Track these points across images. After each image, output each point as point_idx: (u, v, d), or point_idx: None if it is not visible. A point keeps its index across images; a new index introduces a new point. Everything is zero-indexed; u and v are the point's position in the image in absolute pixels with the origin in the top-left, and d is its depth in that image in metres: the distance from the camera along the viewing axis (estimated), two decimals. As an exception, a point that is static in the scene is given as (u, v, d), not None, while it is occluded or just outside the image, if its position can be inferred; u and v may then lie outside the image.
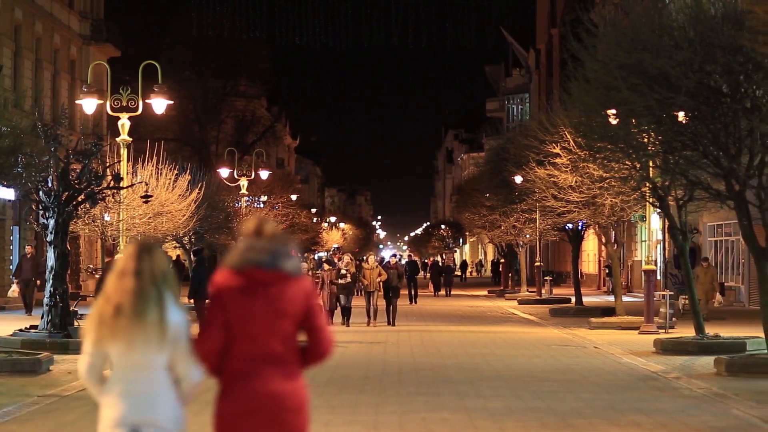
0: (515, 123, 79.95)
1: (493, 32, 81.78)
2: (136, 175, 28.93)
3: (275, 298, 5.32)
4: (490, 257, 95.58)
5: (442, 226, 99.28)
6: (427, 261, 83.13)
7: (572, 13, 54.35)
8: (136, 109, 24.85)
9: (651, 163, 20.29)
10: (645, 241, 43.87)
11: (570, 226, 35.11)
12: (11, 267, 37.05)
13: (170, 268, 5.40)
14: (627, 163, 19.85)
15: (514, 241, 49.47)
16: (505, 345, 22.93)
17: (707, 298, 29.62)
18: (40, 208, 21.24)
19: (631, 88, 17.22)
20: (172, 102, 27.90)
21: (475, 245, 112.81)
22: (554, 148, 27.60)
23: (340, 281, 28.11)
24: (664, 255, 39.41)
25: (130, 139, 25.00)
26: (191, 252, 35.44)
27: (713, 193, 18.22)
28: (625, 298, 35.10)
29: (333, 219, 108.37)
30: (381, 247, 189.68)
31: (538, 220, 38.58)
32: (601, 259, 55.41)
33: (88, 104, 25.21)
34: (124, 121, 24.60)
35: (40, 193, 21.03)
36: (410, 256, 58.76)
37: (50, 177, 21.05)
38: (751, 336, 20.86)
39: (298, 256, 5.64)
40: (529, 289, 49.12)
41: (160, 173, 30.78)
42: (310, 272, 33.19)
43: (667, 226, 25.95)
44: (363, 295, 30.02)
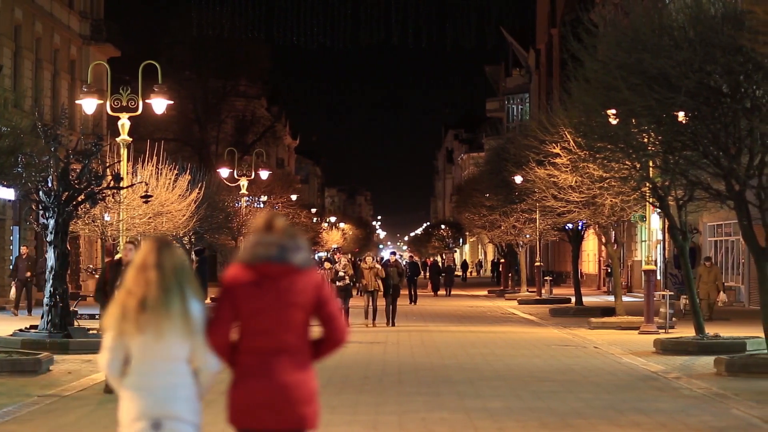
0: (515, 123, 79.95)
1: (493, 32, 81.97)
2: (136, 175, 28.92)
3: (285, 291, 5.45)
4: (490, 257, 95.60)
5: (442, 226, 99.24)
6: (427, 261, 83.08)
7: (572, 13, 54.35)
8: (136, 109, 24.85)
9: (651, 163, 20.29)
10: (645, 241, 43.86)
11: (570, 226, 35.11)
12: (11, 267, 37.02)
13: (188, 262, 5.52)
14: (627, 163, 19.85)
15: (514, 241, 49.47)
16: (505, 345, 22.92)
17: (711, 299, 29.56)
18: (40, 208, 21.24)
19: (631, 88, 17.22)
20: (172, 102, 27.89)
21: (475, 245, 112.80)
22: (554, 148, 27.60)
23: (338, 284, 28.05)
24: (664, 255, 39.41)
25: (130, 139, 25.00)
26: (192, 252, 35.46)
27: (713, 193, 18.22)
28: (625, 298, 35.10)
29: (333, 219, 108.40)
30: (381, 247, 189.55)
31: (538, 220, 38.58)
32: (601, 259, 55.41)
33: (88, 104, 25.21)
34: (124, 121, 24.59)
35: (40, 193, 21.03)
36: (411, 257, 58.76)
37: (50, 177, 21.05)
38: (751, 336, 20.86)
39: (309, 249, 5.77)
40: (529, 289, 49.12)
41: (160, 173, 30.77)
42: None
43: (667, 226, 25.94)
44: (362, 295, 29.90)
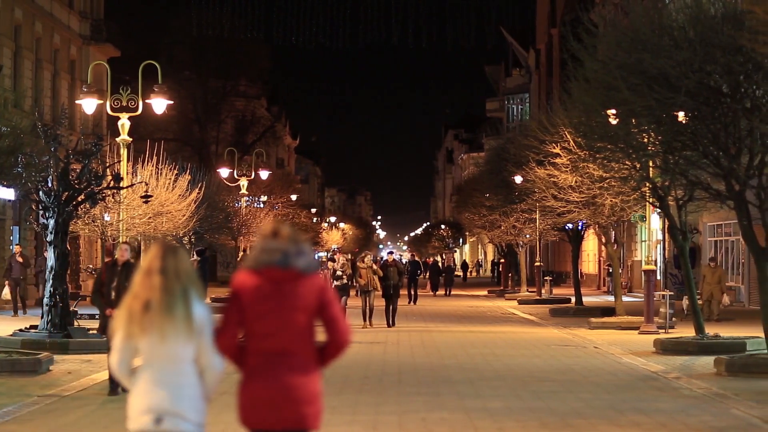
0: (515, 123, 79.94)
1: (493, 32, 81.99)
2: (136, 175, 28.92)
3: (288, 295, 5.68)
4: (490, 257, 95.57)
5: (442, 226, 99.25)
6: (427, 261, 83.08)
7: (572, 13, 54.34)
8: (136, 109, 24.85)
9: (651, 163, 20.29)
10: (645, 241, 43.85)
11: (570, 226, 35.11)
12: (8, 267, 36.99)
13: (193, 267, 5.74)
14: (627, 163, 19.85)
15: (514, 241, 49.47)
16: (505, 345, 22.92)
17: (715, 299, 29.47)
18: (40, 208, 21.24)
19: (631, 88, 17.22)
20: (172, 102, 27.89)
21: (475, 245, 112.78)
22: (554, 148, 27.60)
23: (335, 282, 28.00)
24: (664, 255, 39.39)
25: (130, 139, 25.00)
26: (193, 252, 35.47)
27: (713, 193, 18.22)
28: (625, 298, 35.11)
29: (333, 219, 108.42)
30: (381, 247, 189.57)
31: (538, 220, 38.58)
32: (601, 259, 55.41)
33: (88, 104, 25.21)
34: (124, 121, 24.59)
35: (40, 193, 21.03)
36: (413, 256, 58.72)
37: (50, 177, 21.05)
38: (751, 336, 20.87)
39: (314, 254, 5.93)
40: (529, 289, 49.13)
41: (160, 173, 30.78)
42: None
43: (667, 226, 25.93)
44: (359, 295, 29.57)
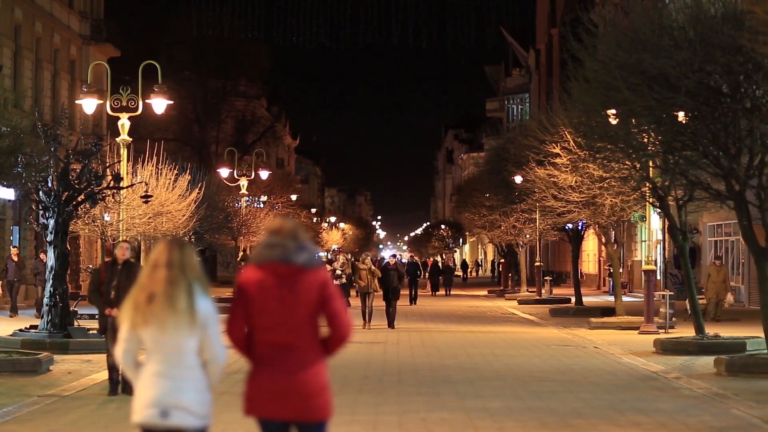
0: (515, 123, 79.93)
1: (493, 32, 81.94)
2: (136, 175, 28.91)
3: (291, 289, 5.89)
4: (490, 257, 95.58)
5: (442, 226, 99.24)
6: (427, 261, 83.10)
7: (572, 13, 54.33)
8: (136, 109, 24.84)
9: (651, 163, 20.29)
10: (645, 241, 43.85)
11: (570, 226, 35.11)
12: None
13: (199, 262, 5.90)
14: (627, 163, 19.85)
15: (514, 241, 49.47)
16: (505, 345, 22.92)
17: (719, 298, 29.47)
18: (40, 208, 21.24)
19: (631, 88, 17.22)
20: (172, 102, 27.87)
21: (475, 245, 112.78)
22: (554, 148, 27.60)
23: (335, 282, 27.96)
24: (664, 255, 39.40)
25: (130, 139, 24.99)
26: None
27: (713, 193, 18.22)
28: (625, 298, 35.10)
29: (333, 219, 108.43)
30: (381, 247, 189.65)
31: (538, 220, 38.59)
32: (601, 259, 55.41)
33: (88, 104, 25.20)
34: (124, 121, 24.59)
35: (40, 193, 21.03)
36: (412, 257, 58.70)
37: (50, 177, 21.05)
38: (751, 336, 20.87)
39: (316, 250, 6.18)
40: (529, 289, 49.13)
41: (160, 173, 30.76)
42: None
43: (667, 226, 25.93)
44: (359, 296, 29.40)
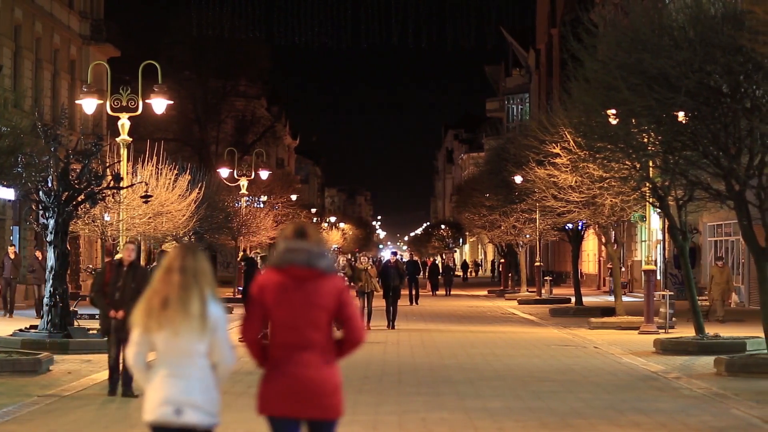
0: (515, 123, 79.92)
1: (493, 32, 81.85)
2: (136, 175, 28.90)
3: (311, 292, 6.06)
4: (490, 257, 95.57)
5: (442, 226, 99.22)
6: (427, 261, 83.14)
7: (572, 13, 54.34)
8: (136, 109, 24.84)
9: (651, 163, 20.29)
10: (645, 241, 43.85)
11: (570, 226, 35.11)
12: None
13: (210, 267, 6.07)
14: (627, 163, 19.85)
15: (514, 241, 49.47)
16: (505, 345, 22.93)
17: (723, 299, 29.44)
18: (40, 208, 21.23)
19: (631, 88, 17.22)
20: (172, 102, 27.86)
21: (475, 245, 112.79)
22: (554, 148, 27.60)
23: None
24: (664, 255, 39.40)
25: (130, 139, 24.99)
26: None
27: (713, 193, 18.22)
28: (625, 298, 35.10)
29: (333, 219, 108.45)
30: (381, 247, 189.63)
31: (538, 220, 38.58)
32: (602, 259, 55.41)
33: (88, 104, 25.19)
34: (124, 121, 24.58)
35: (40, 193, 21.02)
36: (411, 256, 58.73)
37: (50, 177, 21.04)
38: (751, 336, 20.87)
39: (334, 256, 6.12)
40: (529, 289, 49.13)
41: (160, 173, 30.75)
42: None
43: (667, 226, 25.93)
44: (358, 296, 28.91)
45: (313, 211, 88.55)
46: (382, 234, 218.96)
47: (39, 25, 42.75)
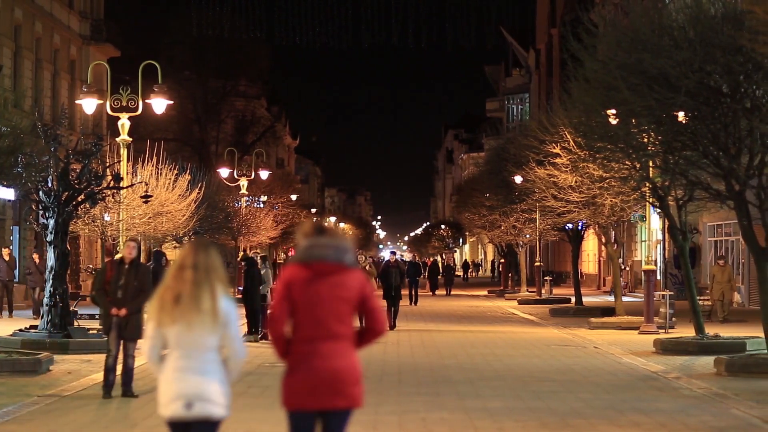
0: (515, 123, 79.93)
1: (493, 32, 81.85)
2: (136, 175, 28.89)
3: (336, 285, 6.29)
4: (490, 257, 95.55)
5: (442, 226, 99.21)
6: (427, 261, 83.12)
7: (572, 13, 54.34)
8: (136, 109, 24.83)
9: (651, 163, 20.29)
10: (645, 241, 43.86)
11: (570, 226, 35.10)
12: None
13: (222, 263, 6.32)
14: (627, 163, 19.85)
15: (514, 241, 49.47)
16: (505, 345, 22.93)
17: (723, 299, 29.38)
18: (40, 208, 21.23)
19: (631, 88, 17.22)
20: (172, 102, 27.86)
21: (475, 245, 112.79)
22: (554, 148, 27.59)
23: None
24: (664, 255, 39.41)
25: (130, 139, 24.98)
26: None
27: (713, 193, 18.22)
28: (625, 298, 35.10)
29: (333, 219, 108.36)
30: (381, 247, 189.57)
31: (538, 220, 38.58)
32: (601, 259, 55.41)
33: (88, 104, 25.19)
34: (124, 121, 24.58)
35: (40, 193, 21.01)
36: (413, 257, 58.66)
37: (50, 177, 21.03)
38: (751, 336, 20.87)
39: (355, 251, 6.71)
40: (529, 289, 49.12)
41: (160, 173, 30.75)
42: None
43: (667, 226, 25.93)
44: None
45: (313, 211, 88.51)
46: (382, 234, 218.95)
47: (39, 25, 42.75)
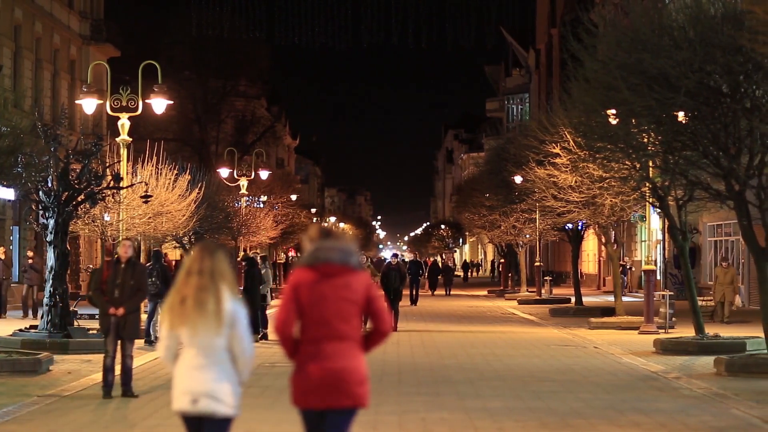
0: (515, 123, 79.94)
1: (493, 32, 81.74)
2: (136, 175, 28.88)
3: (341, 287, 6.45)
4: (490, 257, 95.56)
5: (442, 226, 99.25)
6: (427, 261, 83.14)
7: (572, 13, 54.34)
8: (136, 109, 24.83)
9: (651, 163, 20.29)
10: (645, 241, 43.86)
11: (570, 226, 35.11)
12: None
13: (229, 267, 6.60)
14: (627, 163, 19.85)
15: (514, 241, 49.47)
16: (505, 345, 22.92)
17: (727, 300, 29.33)
18: (40, 208, 21.23)
19: (631, 88, 17.22)
20: (171, 102, 27.86)
21: (475, 245, 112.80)
22: (554, 148, 27.60)
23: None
24: (664, 255, 39.41)
25: (130, 139, 24.98)
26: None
27: (713, 193, 18.22)
28: (625, 299, 35.10)
29: (333, 219, 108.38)
30: (381, 247, 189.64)
31: (538, 220, 38.58)
32: (601, 259, 55.41)
33: (88, 104, 25.19)
34: (124, 121, 24.58)
35: (40, 193, 21.02)
36: (415, 256, 58.67)
37: (50, 177, 21.03)
38: (751, 336, 20.87)
39: (360, 254, 6.87)
40: (529, 289, 49.13)
41: (160, 173, 30.72)
42: None
43: (667, 226, 25.93)
44: None
45: (313, 211, 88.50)
46: (382, 234, 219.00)
47: (39, 25, 42.75)
